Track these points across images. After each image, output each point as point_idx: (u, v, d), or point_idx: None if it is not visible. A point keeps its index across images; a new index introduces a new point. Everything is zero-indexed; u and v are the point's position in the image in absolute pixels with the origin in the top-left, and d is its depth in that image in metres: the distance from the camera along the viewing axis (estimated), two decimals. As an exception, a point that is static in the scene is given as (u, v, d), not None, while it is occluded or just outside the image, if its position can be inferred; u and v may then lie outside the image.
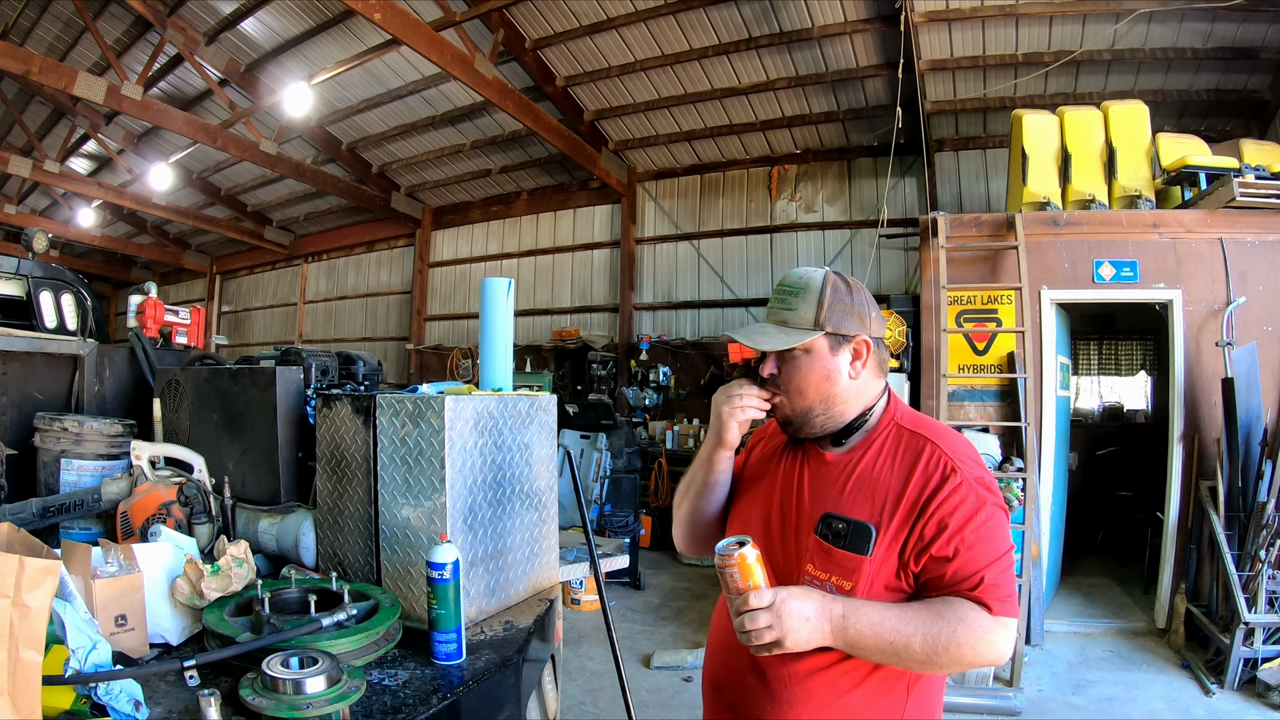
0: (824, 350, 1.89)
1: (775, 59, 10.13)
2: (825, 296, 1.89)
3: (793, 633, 1.64)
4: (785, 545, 1.93)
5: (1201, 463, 7.02)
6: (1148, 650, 6.74)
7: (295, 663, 1.83)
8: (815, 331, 1.87)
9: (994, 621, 1.66)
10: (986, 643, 1.65)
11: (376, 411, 2.56)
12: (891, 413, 1.96)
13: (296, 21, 11.14)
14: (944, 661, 1.66)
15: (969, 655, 1.64)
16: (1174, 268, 7.28)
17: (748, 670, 1.92)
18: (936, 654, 1.64)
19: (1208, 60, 8.75)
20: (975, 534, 1.71)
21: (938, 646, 1.64)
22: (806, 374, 1.89)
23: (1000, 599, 1.68)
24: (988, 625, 1.66)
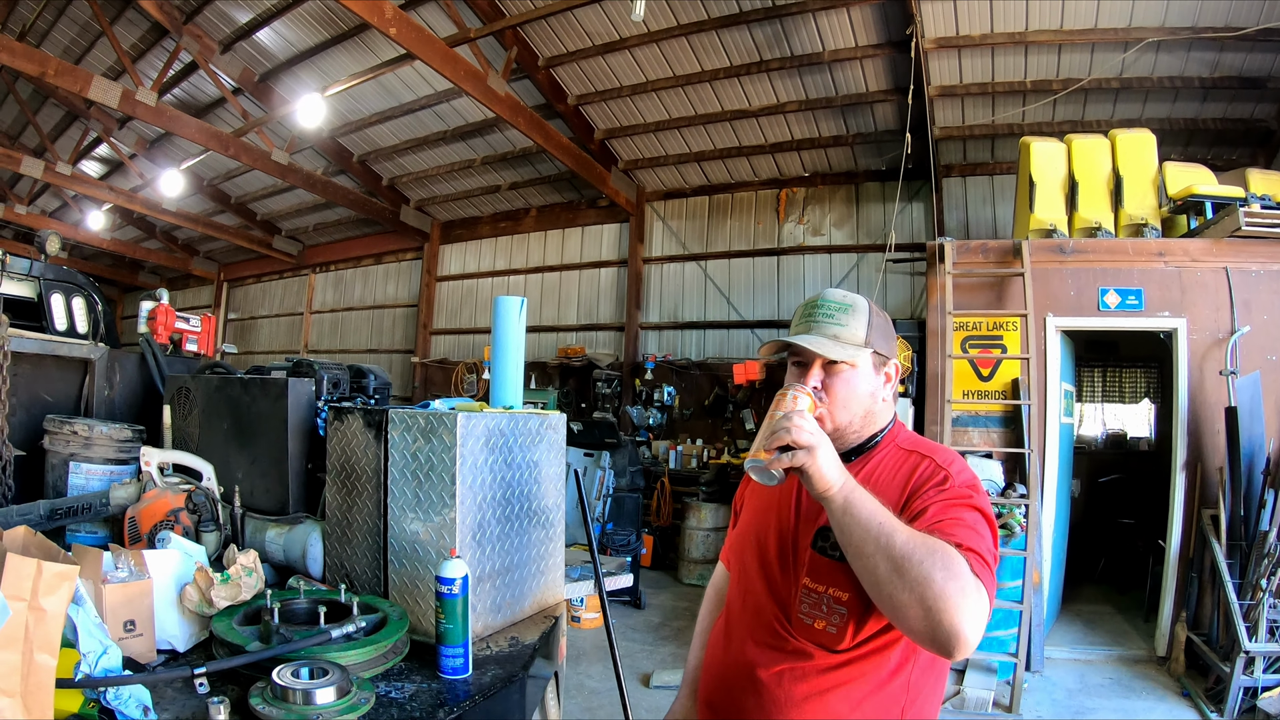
0: (869, 368, 1.93)
1: (786, 82, 10.18)
2: (872, 318, 1.94)
3: (823, 450, 1.63)
4: (784, 562, 1.96)
5: (1204, 491, 7.01)
6: (1148, 678, 6.72)
7: (305, 673, 1.84)
8: (866, 349, 1.91)
9: (971, 575, 1.53)
10: (957, 584, 1.49)
11: (389, 426, 2.58)
12: (893, 434, 1.99)
13: (311, 33, 11.21)
14: (912, 575, 1.51)
15: (938, 581, 1.49)
16: (1179, 296, 7.29)
17: (745, 691, 1.93)
18: (909, 561, 1.52)
19: (1215, 89, 8.78)
20: (955, 516, 1.69)
21: (914, 554, 1.52)
22: (855, 389, 1.91)
23: (979, 565, 1.57)
24: (964, 570, 1.53)
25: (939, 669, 1.90)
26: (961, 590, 1.49)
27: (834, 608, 1.82)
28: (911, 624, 1.53)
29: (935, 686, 1.91)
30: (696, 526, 10.16)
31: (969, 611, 1.48)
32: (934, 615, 1.48)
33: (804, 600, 1.87)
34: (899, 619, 1.56)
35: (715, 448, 11.94)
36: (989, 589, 1.55)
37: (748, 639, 1.99)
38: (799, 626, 1.88)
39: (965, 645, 1.47)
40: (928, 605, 1.49)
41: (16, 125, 16.17)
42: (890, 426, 2.01)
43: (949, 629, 1.47)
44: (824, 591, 1.84)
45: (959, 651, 1.48)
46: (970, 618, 1.47)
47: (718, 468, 11.04)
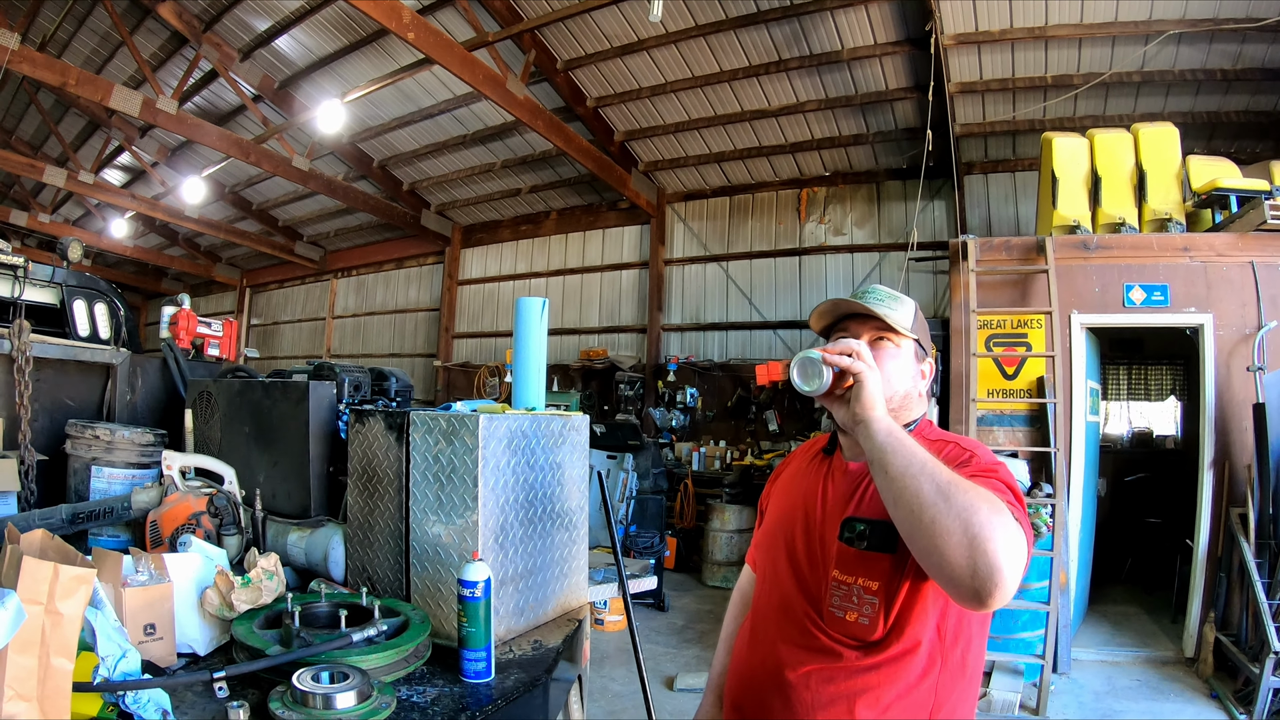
0: (911, 354, 1.99)
1: (805, 81, 10.14)
2: (917, 313, 2.02)
3: (868, 393, 1.67)
4: (811, 556, 1.95)
5: (1232, 489, 6.91)
6: (1176, 680, 6.64)
7: (326, 677, 1.83)
8: (912, 335, 1.97)
9: (1013, 517, 1.50)
10: (1001, 519, 1.45)
11: (410, 428, 2.56)
12: (922, 428, 1.99)
13: (330, 40, 11.25)
14: (959, 501, 1.47)
15: (984, 511, 1.45)
16: (1205, 292, 7.20)
17: (771, 693, 1.92)
18: (956, 487, 1.49)
19: (1237, 82, 8.67)
20: (989, 484, 1.63)
21: (961, 483, 1.50)
22: (898, 365, 1.95)
23: (1023, 516, 1.55)
24: (1008, 509, 1.50)
25: (969, 673, 1.86)
26: (1005, 525, 1.45)
27: (864, 598, 1.79)
28: (952, 555, 1.45)
29: (966, 691, 1.87)
30: (720, 528, 10.13)
31: (1012, 550, 1.43)
32: (978, 545, 1.42)
33: (834, 593, 1.85)
34: (938, 551, 1.48)
35: (738, 449, 11.91)
36: (1030, 539, 1.52)
37: (776, 639, 1.96)
38: (830, 620, 1.85)
39: (1004, 586, 1.41)
40: (973, 534, 1.43)
41: (39, 135, 16.33)
42: (920, 421, 2.01)
43: (990, 563, 1.41)
44: (853, 583, 1.81)
45: (996, 593, 1.41)
46: (1011, 557, 1.42)
47: (741, 469, 11.01)
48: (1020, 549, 1.45)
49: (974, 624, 1.83)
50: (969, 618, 1.81)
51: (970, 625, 1.82)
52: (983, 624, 1.88)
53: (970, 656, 1.84)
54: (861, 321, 1.99)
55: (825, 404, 1.84)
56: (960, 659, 1.81)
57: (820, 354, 1.72)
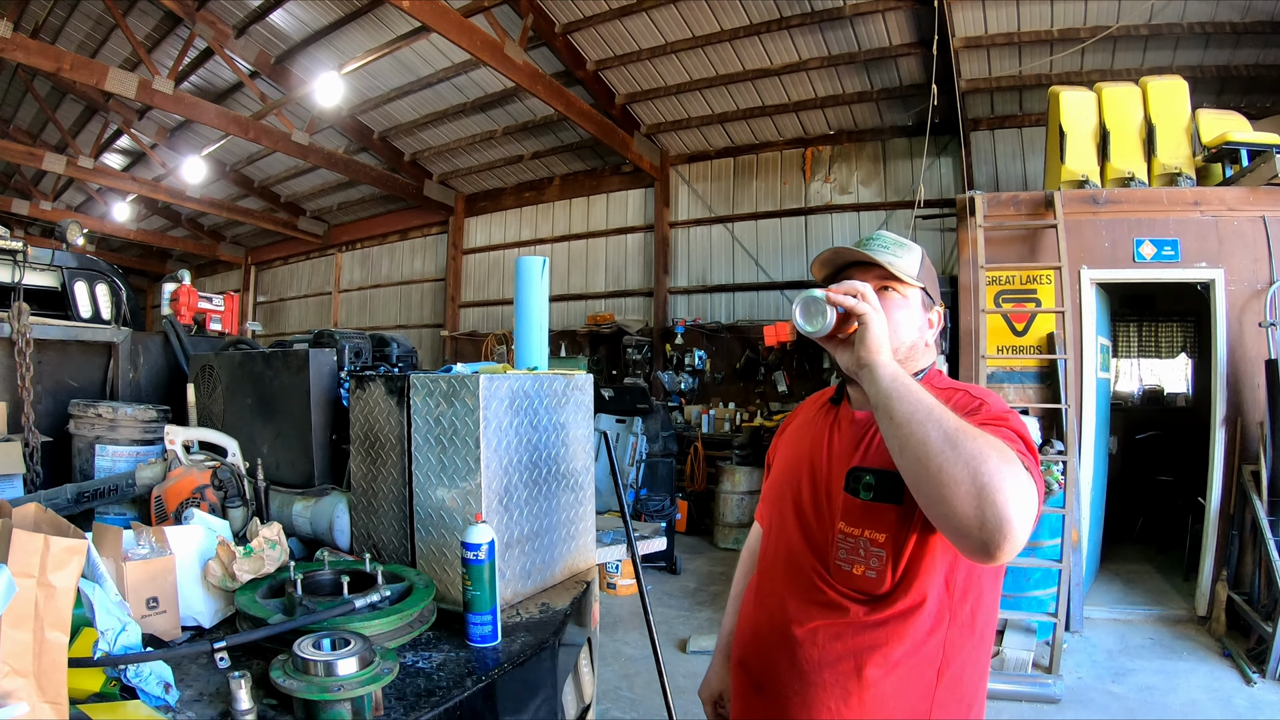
0: (919, 303, 1.96)
1: (807, 39, 10.02)
2: (924, 260, 1.99)
3: (873, 337, 1.64)
4: (818, 508, 1.92)
5: (1244, 447, 6.88)
6: (1188, 638, 6.64)
7: (327, 644, 1.80)
8: (918, 283, 1.94)
9: (1023, 466, 1.44)
10: (1010, 468, 1.41)
11: (410, 392, 2.52)
12: (930, 377, 1.94)
13: (325, 12, 11.15)
14: (967, 449, 1.42)
15: (994, 459, 1.40)
16: (1216, 247, 7.13)
17: (778, 648, 1.90)
18: (964, 434, 1.45)
19: (1247, 35, 8.52)
20: (1000, 432, 1.57)
21: (969, 430, 1.46)
22: (905, 314, 1.91)
23: (1034, 466, 1.50)
24: (1017, 458, 1.45)
25: (979, 630, 1.82)
26: (1014, 475, 1.40)
27: (871, 550, 1.77)
28: (959, 505, 1.41)
29: (977, 649, 1.83)
30: (731, 490, 10.14)
31: (1021, 501, 1.39)
32: (986, 494, 1.38)
33: (840, 546, 1.82)
34: (944, 501, 1.44)
35: (748, 411, 11.91)
36: (1041, 493, 1.47)
37: (783, 594, 1.94)
38: (837, 574, 1.83)
39: (1012, 538, 1.37)
40: (981, 483, 1.39)
41: (37, 123, 16.32)
42: (928, 369, 1.97)
43: (999, 514, 1.37)
44: (860, 535, 1.79)
45: (1005, 546, 1.38)
46: (1021, 508, 1.38)
47: (751, 431, 10.99)
48: (1030, 500, 1.41)
49: (984, 579, 1.80)
50: (979, 572, 1.78)
51: (981, 580, 1.79)
52: (994, 579, 1.84)
53: (981, 613, 1.80)
54: (865, 270, 1.93)
55: (829, 347, 1.80)
56: (970, 615, 1.78)
57: (825, 294, 1.67)
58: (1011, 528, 1.37)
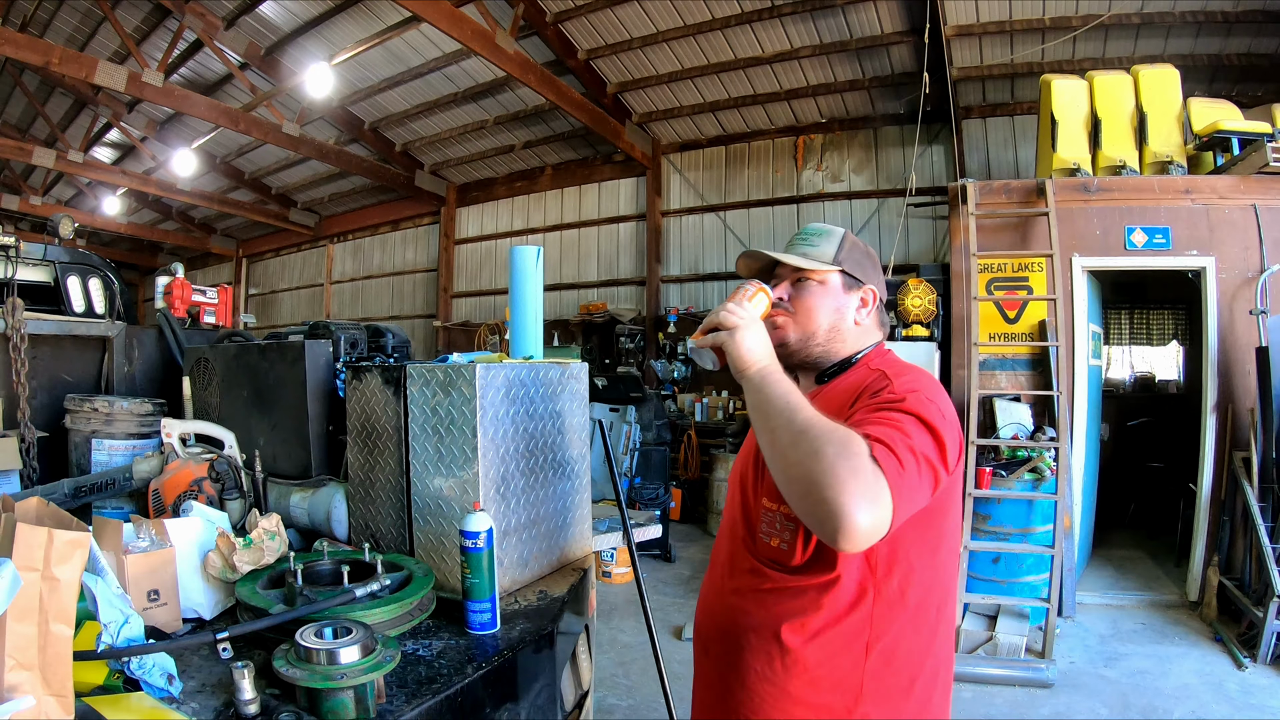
0: (838, 286, 2.01)
1: (799, 27, 10.00)
2: (845, 242, 2.04)
3: (746, 333, 1.74)
4: (755, 485, 2.00)
5: (1235, 433, 6.93)
6: (1180, 623, 6.70)
7: (329, 633, 1.81)
8: (834, 266, 2.00)
9: (869, 459, 1.49)
10: (848, 463, 1.46)
11: (407, 382, 2.53)
12: (869, 358, 2.01)
13: (315, 2, 11.10)
14: (805, 447, 1.51)
15: (829, 456, 1.47)
16: (1207, 234, 7.17)
17: (717, 615, 2.03)
18: (807, 435, 1.53)
19: (1239, 24, 8.52)
20: (882, 416, 1.66)
21: (814, 429, 1.54)
22: (820, 301, 2.00)
23: (889, 457, 1.53)
24: (861, 452, 1.49)
25: (912, 605, 1.83)
26: (852, 470, 1.46)
27: (785, 524, 1.86)
28: (798, 499, 1.53)
29: (912, 625, 1.84)
30: (724, 478, 10.14)
31: (855, 492, 1.44)
32: (818, 489, 1.46)
33: (764, 520, 1.93)
34: (790, 494, 1.56)
35: (741, 399, 11.91)
36: (893, 481, 1.49)
37: (725, 563, 2.07)
38: (760, 546, 1.94)
39: (847, 528, 1.43)
40: (814, 479, 1.47)
41: (26, 117, 16.22)
42: (868, 351, 2.03)
43: (831, 504, 1.43)
44: (777, 510, 1.88)
45: (843, 535, 1.44)
46: (855, 498, 1.43)
47: (744, 419, 10.98)
48: (869, 495, 1.45)
49: (913, 552, 1.81)
50: (904, 547, 1.80)
51: (909, 554, 1.81)
52: (928, 553, 1.84)
53: (913, 588, 1.82)
54: (783, 265, 2.05)
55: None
56: (899, 590, 1.81)
57: (694, 343, 1.83)
58: (842, 517, 1.42)
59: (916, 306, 8.05)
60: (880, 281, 2.09)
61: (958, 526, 1.95)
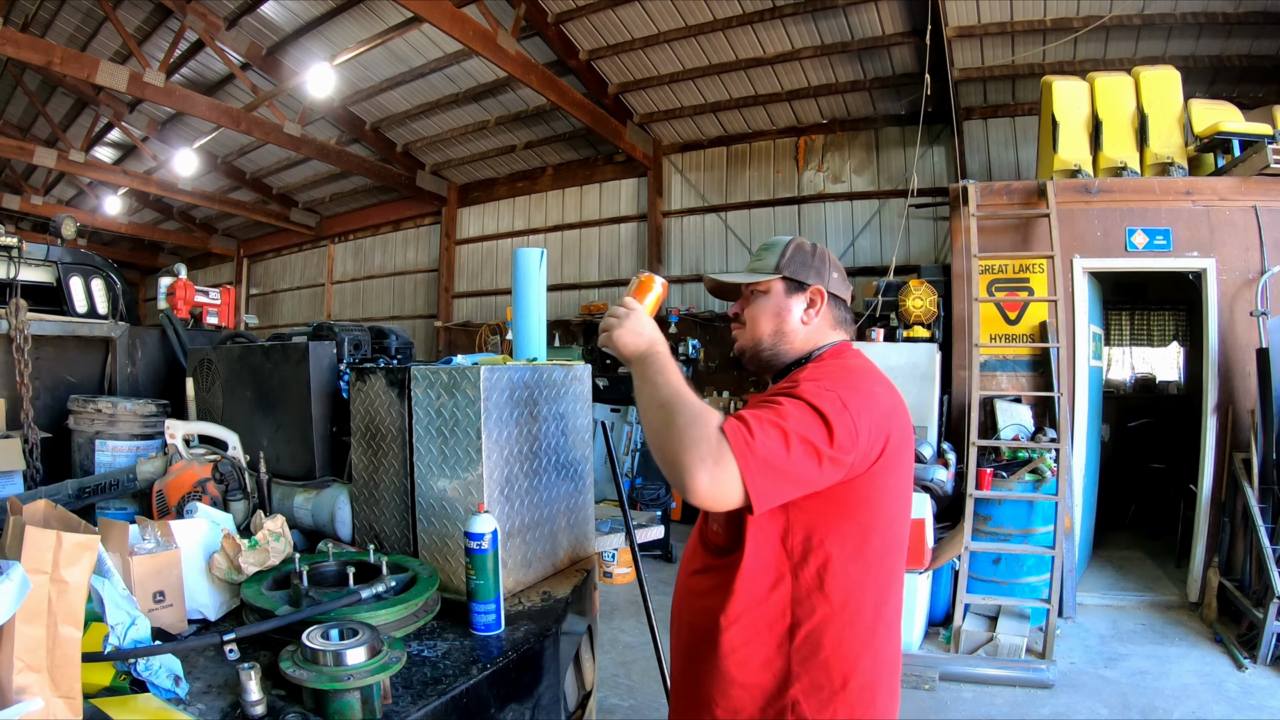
0: (780, 292, 2.15)
1: (800, 28, 9.99)
2: (788, 250, 2.18)
3: (621, 331, 1.99)
4: None
5: (1235, 435, 6.95)
6: (1180, 624, 6.71)
7: (335, 634, 1.82)
8: (774, 275, 2.15)
9: (716, 434, 1.69)
10: (697, 431, 1.70)
11: (411, 384, 2.54)
12: (824, 356, 2.12)
13: (316, 2, 11.09)
14: (665, 417, 1.78)
15: (679, 425, 1.73)
16: (1207, 236, 7.19)
17: (680, 604, 2.17)
18: (669, 408, 1.79)
19: (1240, 25, 8.50)
20: (764, 402, 1.83)
21: (669, 404, 1.80)
22: (762, 309, 2.15)
23: (737, 427, 1.70)
24: (711, 423, 1.71)
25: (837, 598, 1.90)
26: (695, 438, 1.68)
27: (720, 514, 2.02)
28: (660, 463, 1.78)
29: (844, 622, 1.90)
30: (724, 480, 10.13)
31: (697, 455, 1.66)
32: (668, 452, 1.72)
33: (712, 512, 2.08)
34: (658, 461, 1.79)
35: (742, 399, 11.88)
36: (738, 448, 1.67)
37: (688, 556, 2.23)
38: (709, 535, 2.11)
39: (690, 485, 1.66)
40: (664, 443, 1.74)
41: (27, 117, 16.21)
42: (821, 351, 2.13)
43: (676, 464, 1.69)
44: None
45: (689, 491, 1.67)
46: (696, 459, 1.66)
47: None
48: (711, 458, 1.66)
49: (830, 543, 1.89)
50: (819, 535, 1.89)
51: (824, 544, 1.89)
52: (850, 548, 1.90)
53: (832, 579, 1.89)
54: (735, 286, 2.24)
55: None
56: (816, 579, 1.89)
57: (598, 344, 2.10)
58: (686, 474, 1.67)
59: (918, 307, 8.07)
60: (834, 279, 2.19)
61: (893, 532, 1.99)
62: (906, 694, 5.50)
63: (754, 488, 1.66)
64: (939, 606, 6.71)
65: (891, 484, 1.92)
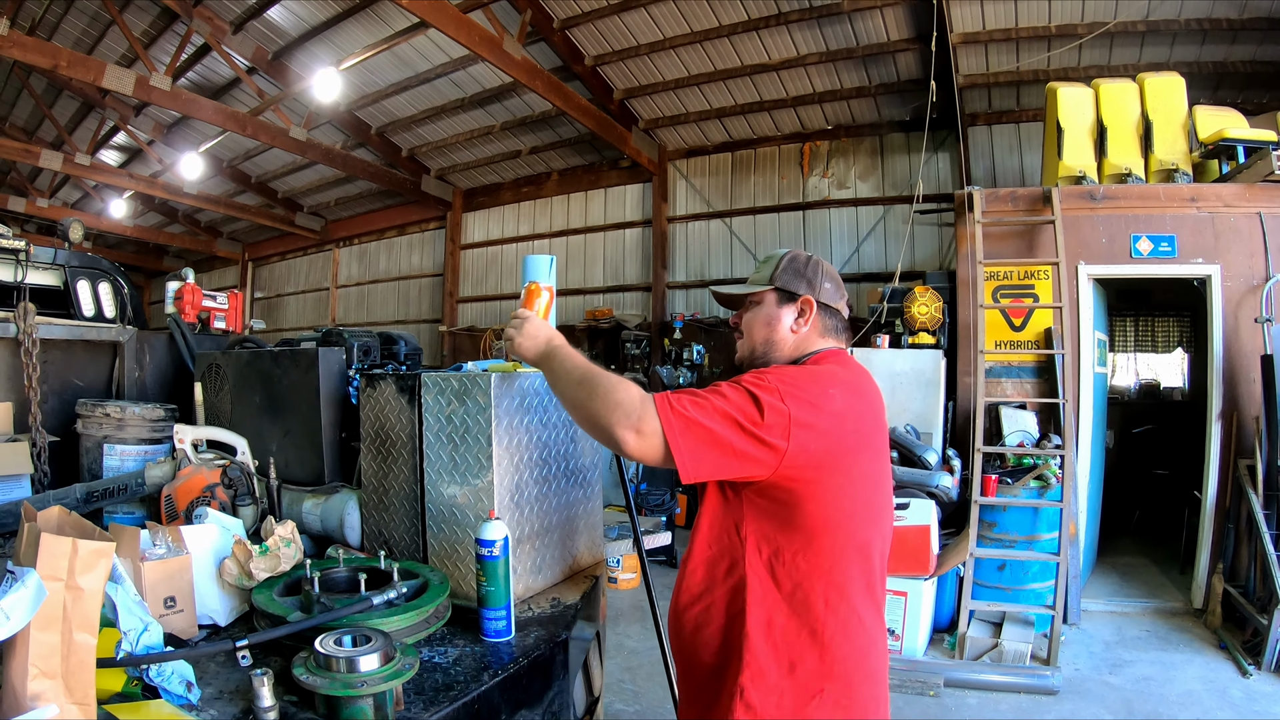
0: (772, 302, 2.24)
1: (805, 34, 10.01)
2: (782, 262, 2.26)
3: (520, 339, 2.19)
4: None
5: (1240, 441, 6.93)
6: (1184, 630, 6.70)
7: (348, 641, 1.83)
8: (767, 286, 2.24)
9: (642, 399, 1.84)
10: (615, 400, 1.85)
11: (422, 390, 2.55)
12: (807, 362, 2.16)
13: (323, 7, 11.12)
14: (584, 391, 1.94)
15: (600, 395, 1.88)
16: (1212, 242, 7.18)
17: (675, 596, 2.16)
18: (579, 386, 1.96)
19: (1244, 31, 8.50)
20: (704, 388, 1.93)
21: (585, 381, 1.95)
22: (755, 319, 2.26)
23: (665, 397, 1.84)
24: (632, 396, 1.85)
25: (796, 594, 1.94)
26: (617, 401, 1.84)
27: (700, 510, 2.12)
28: (591, 432, 1.95)
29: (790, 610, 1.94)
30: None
31: (621, 414, 1.82)
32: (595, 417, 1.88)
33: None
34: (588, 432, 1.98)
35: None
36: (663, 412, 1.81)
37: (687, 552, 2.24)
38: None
39: (618, 439, 1.81)
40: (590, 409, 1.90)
41: (33, 120, 16.26)
42: (808, 357, 2.18)
43: (603, 423, 1.85)
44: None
45: (619, 445, 1.82)
46: (620, 417, 1.82)
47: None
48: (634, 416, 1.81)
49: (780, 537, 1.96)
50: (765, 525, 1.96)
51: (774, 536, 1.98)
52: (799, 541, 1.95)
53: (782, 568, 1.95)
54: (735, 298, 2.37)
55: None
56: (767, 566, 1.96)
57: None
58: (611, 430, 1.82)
59: (923, 314, 8.06)
60: (826, 289, 2.24)
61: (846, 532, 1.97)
62: (911, 700, 5.52)
63: (676, 445, 1.79)
64: (944, 613, 6.71)
65: (841, 484, 1.94)
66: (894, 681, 5.51)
